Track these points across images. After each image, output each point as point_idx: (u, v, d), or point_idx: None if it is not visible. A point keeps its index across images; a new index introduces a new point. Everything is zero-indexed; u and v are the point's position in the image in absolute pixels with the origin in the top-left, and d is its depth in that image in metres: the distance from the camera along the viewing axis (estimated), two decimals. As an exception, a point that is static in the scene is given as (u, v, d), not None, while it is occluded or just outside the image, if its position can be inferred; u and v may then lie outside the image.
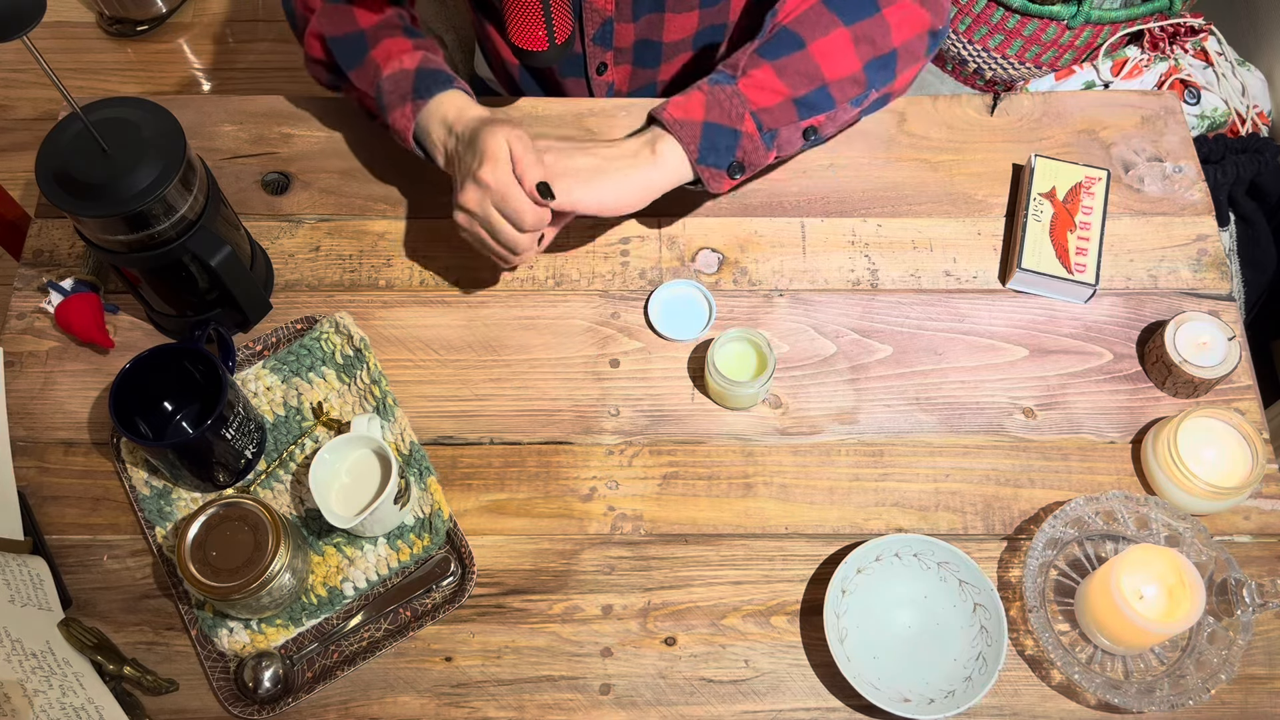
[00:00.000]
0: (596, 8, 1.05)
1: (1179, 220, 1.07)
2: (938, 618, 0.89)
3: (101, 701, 0.84)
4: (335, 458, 0.90)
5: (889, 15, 0.94)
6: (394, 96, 0.97)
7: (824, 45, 0.93)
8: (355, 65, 1.00)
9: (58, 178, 0.84)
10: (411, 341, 1.02)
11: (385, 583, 0.92)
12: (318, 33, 1.02)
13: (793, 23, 0.94)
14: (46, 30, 2.19)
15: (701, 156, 0.93)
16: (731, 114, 0.93)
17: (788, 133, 0.95)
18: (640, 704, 0.87)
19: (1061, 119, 1.13)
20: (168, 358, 0.91)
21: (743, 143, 0.93)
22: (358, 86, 1.00)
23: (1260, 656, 0.89)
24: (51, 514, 0.94)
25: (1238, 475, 0.91)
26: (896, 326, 1.02)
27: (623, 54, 1.13)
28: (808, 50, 0.93)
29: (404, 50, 0.98)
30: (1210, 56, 1.58)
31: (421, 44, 1.00)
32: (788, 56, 0.93)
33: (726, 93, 0.93)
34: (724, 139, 0.93)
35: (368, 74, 0.99)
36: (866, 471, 0.96)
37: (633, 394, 0.99)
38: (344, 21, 1.01)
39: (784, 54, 0.93)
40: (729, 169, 0.94)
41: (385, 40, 0.99)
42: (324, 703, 0.87)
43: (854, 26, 0.94)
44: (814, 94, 0.94)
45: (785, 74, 0.93)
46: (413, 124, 0.96)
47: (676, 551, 0.93)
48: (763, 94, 0.93)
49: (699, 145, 0.92)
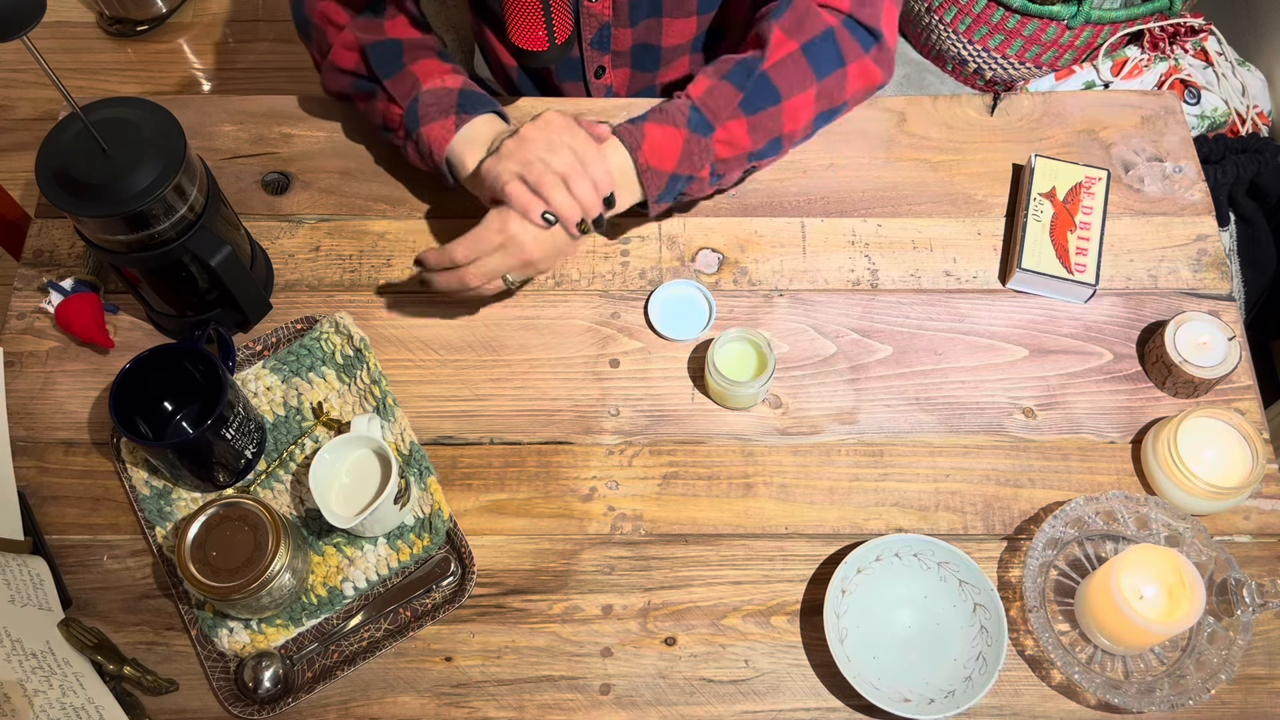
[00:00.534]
0: (594, 12, 1.05)
1: (1179, 220, 1.07)
2: (938, 618, 0.89)
3: (101, 701, 0.84)
4: (335, 458, 0.90)
5: (850, 73, 0.97)
6: (434, 110, 0.97)
7: (795, 104, 0.96)
8: (392, 73, 1.00)
9: (58, 178, 0.84)
10: (411, 341, 1.02)
11: (385, 583, 0.92)
12: (351, 42, 1.02)
13: (773, 71, 0.95)
14: (46, 30, 2.19)
15: (659, 198, 0.96)
16: (697, 165, 0.95)
17: (732, 174, 0.99)
18: (640, 704, 0.87)
19: (1061, 119, 1.13)
20: (168, 358, 0.91)
21: (692, 186, 0.97)
22: (392, 94, 0.99)
23: (1260, 656, 0.89)
24: (51, 514, 0.94)
25: (1238, 475, 0.91)
26: (896, 326, 1.02)
27: (621, 58, 1.13)
28: (781, 106, 0.96)
29: (444, 71, 1.00)
30: (1210, 56, 1.58)
31: (459, 70, 1.01)
32: (762, 113, 0.95)
33: (701, 145, 0.95)
34: (681, 184, 0.96)
35: (405, 84, 0.99)
36: (866, 471, 0.96)
37: (633, 394, 0.99)
38: (378, 32, 1.02)
39: (760, 109, 0.95)
40: (672, 202, 0.98)
41: (423, 59, 1.00)
42: (324, 703, 0.87)
43: (822, 83, 0.97)
44: (769, 145, 0.98)
45: (755, 130, 0.96)
46: (454, 136, 0.97)
47: (676, 551, 0.93)
48: (729, 149, 0.96)
49: (659, 192, 0.95)
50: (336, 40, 1.02)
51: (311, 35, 1.06)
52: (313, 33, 1.05)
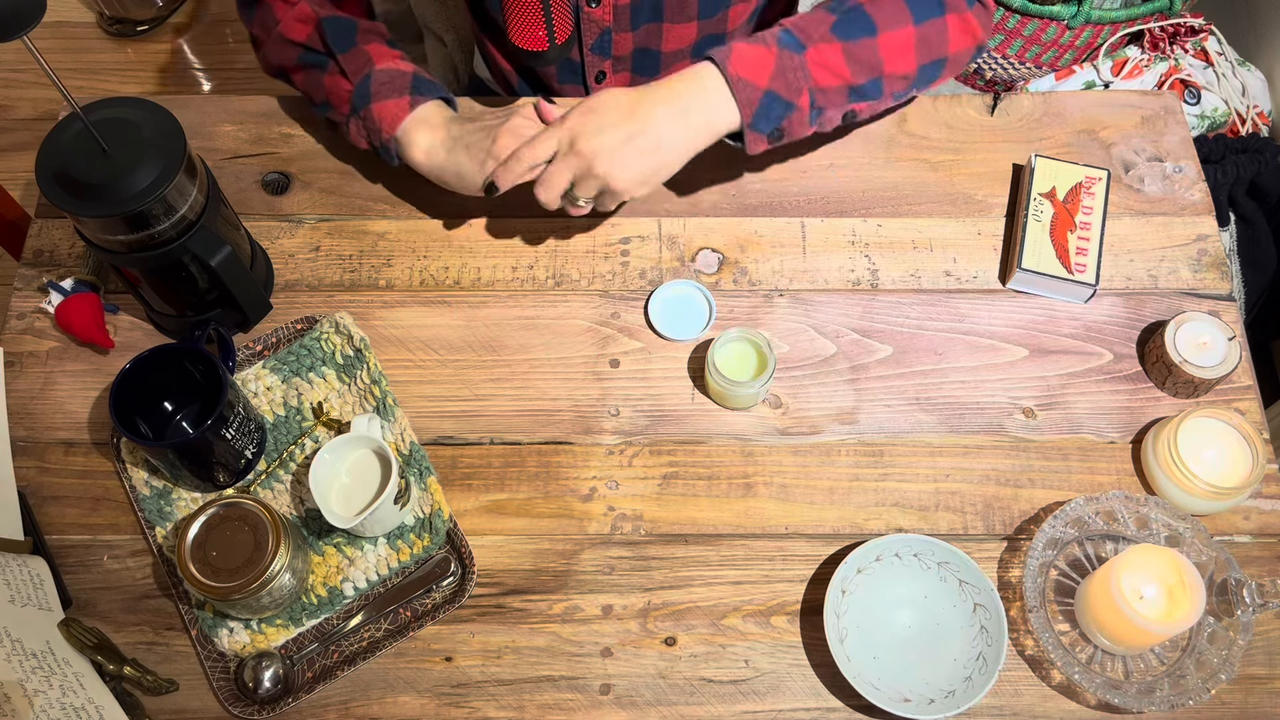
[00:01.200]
0: (595, 18, 1.05)
1: (1179, 220, 1.07)
2: (938, 618, 0.89)
3: (101, 701, 0.84)
4: (335, 458, 0.90)
5: (950, 22, 0.96)
6: (388, 88, 0.98)
7: (892, 39, 0.94)
8: (347, 49, 1.01)
9: (58, 178, 0.84)
10: (411, 341, 1.02)
11: (385, 583, 0.92)
12: (308, 15, 1.03)
13: (869, 4, 0.94)
14: (46, 30, 2.19)
15: (754, 122, 0.92)
16: (793, 86, 0.92)
17: (833, 112, 0.96)
18: (640, 704, 0.87)
19: (1061, 119, 1.13)
20: (168, 358, 0.91)
21: (792, 115, 0.93)
22: (343, 67, 1.00)
23: (1260, 656, 0.89)
24: (51, 514, 0.94)
25: (1238, 475, 0.91)
26: (896, 326, 1.02)
27: (621, 62, 1.13)
28: (877, 39, 0.94)
29: (396, 56, 1.01)
30: (1210, 56, 1.58)
31: (409, 59, 1.03)
32: (859, 40, 0.93)
33: (795, 63, 0.92)
34: (778, 109, 0.92)
35: (358, 61, 1.00)
36: (866, 471, 0.96)
37: (633, 394, 0.99)
38: (335, 10, 1.04)
39: (855, 37, 0.93)
40: (769, 135, 0.94)
41: (376, 42, 1.02)
42: (324, 703, 0.87)
43: (921, 27, 0.95)
44: (870, 84, 0.95)
45: (851, 59, 0.93)
46: (406, 115, 0.97)
47: (676, 551, 0.93)
48: (826, 74, 0.93)
49: (754, 111, 0.92)
50: (286, 15, 1.03)
51: (254, 13, 1.07)
52: (257, 10, 1.06)
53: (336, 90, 1.01)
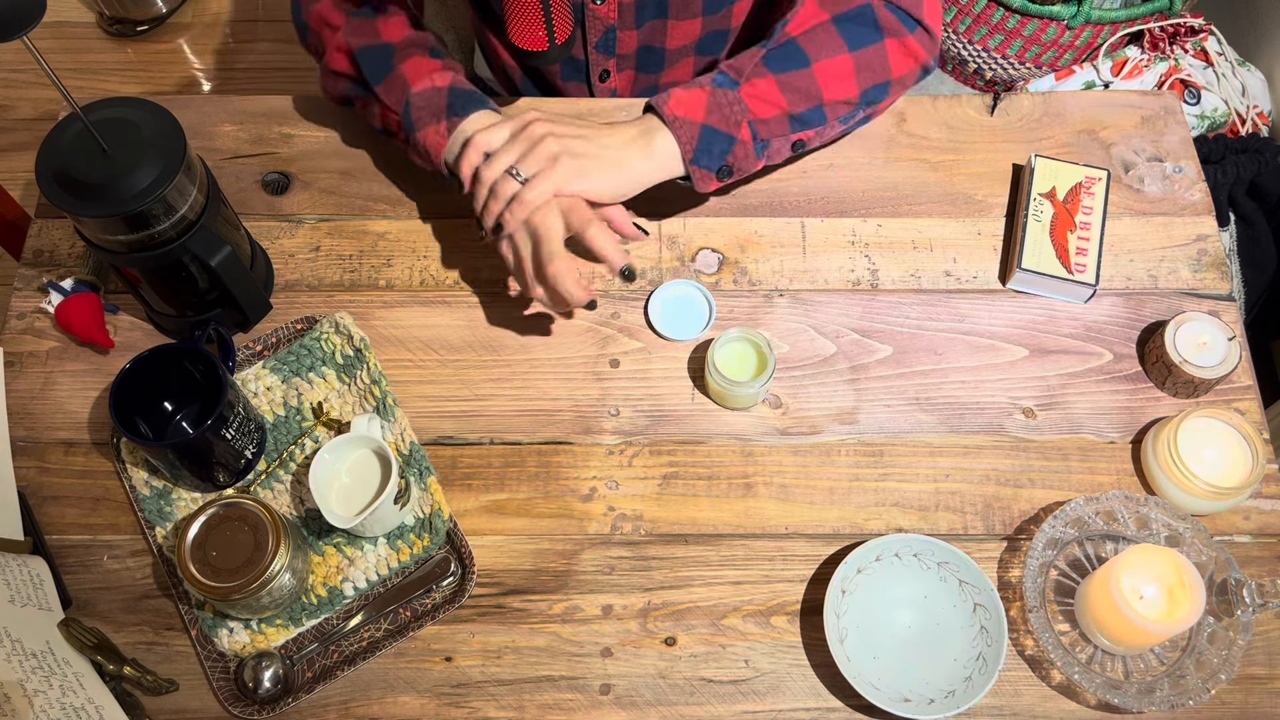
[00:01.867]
0: (599, 15, 1.05)
1: (1179, 220, 1.07)
2: (938, 618, 0.89)
3: (101, 701, 0.84)
4: (335, 458, 0.90)
5: (889, 46, 0.97)
6: (425, 113, 0.96)
7: (827, 67, 0.95)
8: (383, 78, 0.98)
9: (58, 178, 0.84)
10: (411, 341, 1.02)
11: (385, 583, 0.92)
12: (343, 46, 1.00)
13: (801, 38, 0.95)
14: (46, 30, 2.19)
15: (695, 157, 0.93)
16: (730, 120, 0.93)
17: (778, 144, 0.97)
18: (640, 704, 0.87)
19: (1061, 119, 1.13)
20: (168, 358, 0.91)
21: (735, 149, 0.94)
22: (384, 100, 0.98)
23: (1260, 656, 0.89)
24: (51, 514, 0.94)
25: (1238, 475, 0.91)
26: (896, 326, 1.02)
27: (625, 60, 1.13)
28: (811, 69, 0.95)
29: (434, 70, 0.98)
30: (1210, 56, 1.58)
31: (450, 65, 1.00)
32: (792, 72, 0.94)
33: (729, 98, 0.93)
34: (719, 143, 0.94)
35: (396, 89, 0.98)
36: (866, 471, 0.96)
37: (633, 394, 0.99)
38: (371, 35, 1.00)
39: (788, 69, 0.94)
40: (718, 172, 0.95)
41: (414, 58, 0.99)
42: (324, 703, 0.87)
43: (857, 54, 0.96)
44: (809, 111, 0.96)
45: (786, 89, 0.94)
46: (446, 141, 0.96)
47: (676, 551, 0.93)
48: (762, 105, 0.94)
49: (695, 146, 0.93)
50: (331, 43, 1.02)
51: (309, 40, 1.05)
52: (310, 37, 1.05)
53: (388, 120, 1.00)
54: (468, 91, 0.97)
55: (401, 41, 1.00)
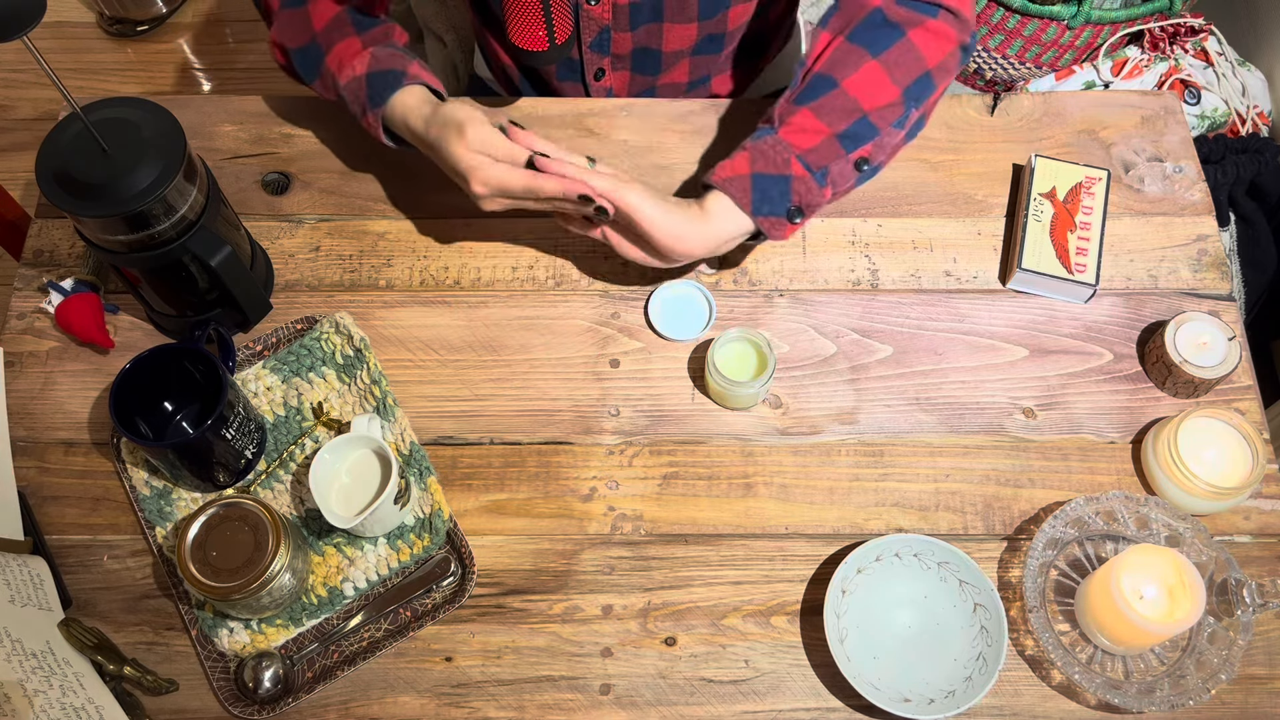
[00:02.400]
0: (594, 16, 1.05)
1: (1179, 220, 1.07)
2: (938, 618, 0.89)
3: (101, 701, 0.84)
4: (335, 458, 0.90)
5: (915, 38, 0.95)
6: (356, 106, 0.98)
7: (857, 79, 0.94)
8: (315, 77, 1.01)
9: (58, 178, 0.84)
10: (411, 341, 1.02)
11: (385, 583, 0.92)
12: (277, 42, 1.02)
13: (822, 67, 0.95)
14: (46, 30, 2.19)
15: (756, 207, 0.92)
16: (777, 161, 0.93)
17: (838, 168, 0.94)
18: (640, 704, 0.87)
19: (1061, 119, 1.13)
20: (168, 358, 0.91)
21: (795, 186, 0.93)
22: (325, 96, 1.02)
23: (1260, 656, 0.89)
24: (51, 514, 0.94)
25: (1238, 475, 0.91)
26: (896, 326, 1.02)
27: (621, 60, 1.13)
28: (841, 87, 0.93)
29: (354, 54, 0.98)
30: (1210, 56, 1.58)
31: (370, 38, 0.99)
32: (824, 97, 0.93)
33: (769, 143, 0.93)
34: (775, 186, 0.92)
35: (328, 85, 1.00)
36: (866, 471, 0.96)
37: (633, 394, 0.99)
38: (299, 30, 1.01)
39: (819, 95, 0.93)
40: (788, 214, 0.93)
41: (337, 45, 0.99)
42: (324, 703, 0.87)
43: (882, 56, 0.94)
44: (855, 125, 0.93)
45: (823, 114, 0.93)
46: (379, 130, 0.98)
47: (676, 551, 0.93)
48: (804, 136, 0.93)
49: (751, 197, 0.92)
50: (270, 32, 1.03)
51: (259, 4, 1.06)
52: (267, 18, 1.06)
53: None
54: (382, 74, 0.96)
55: (325, 28, 1.00)
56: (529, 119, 1.13)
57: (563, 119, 1.13)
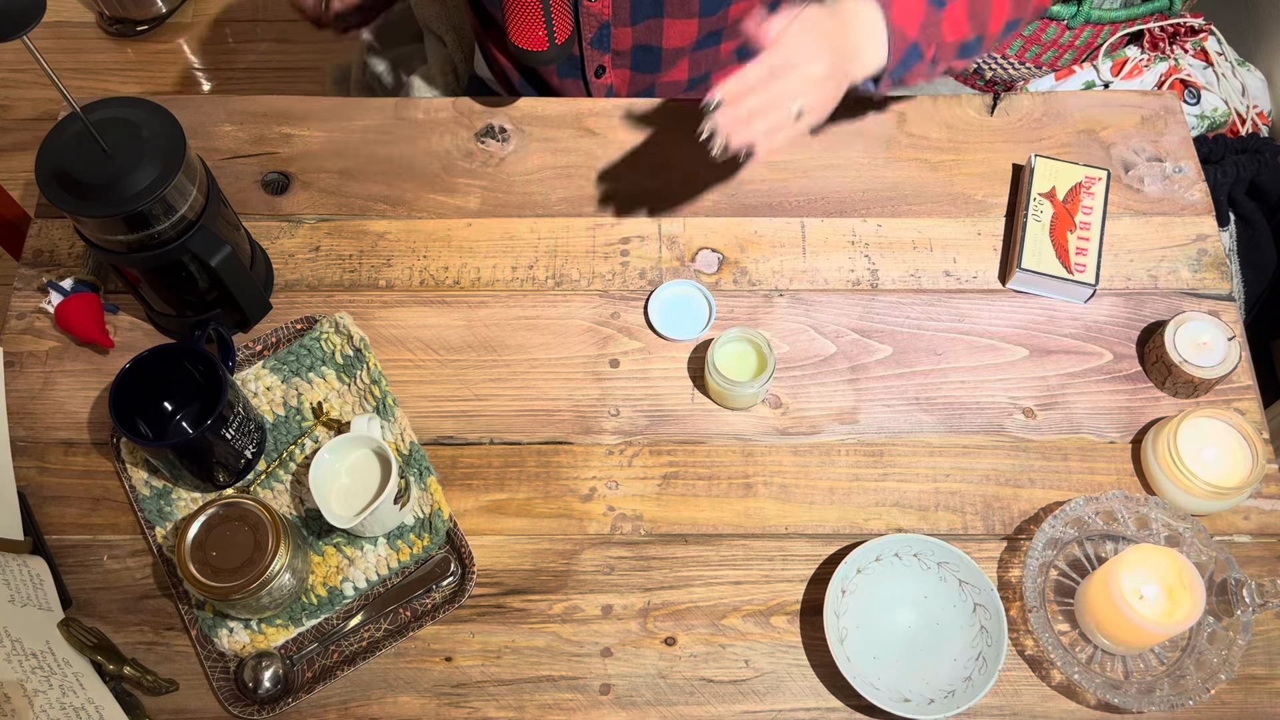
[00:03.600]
0: (593, 11, 1.05)
1: (1179, 220, 1.07)
2: (938, 618, 0.89)
3: (101, 701, 0.84)
4: (335, 458, 0.90)
5: None
6: None
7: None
8: None
9: (58, 178, 0.84)
10: (411, 341, 1.02)
11: (385, 583, 0.92)
12: None
13: None
14: (46, 30, 2.19)
15: (895, 70, 0.91)
16: (929, 39, 0.91)
17: (941, 66, 0.94)
18: (640, 704, 0.87)
19: (1061, 119, 1.13)
20: (168, 358, 0.91)
21: (915, 68, 0.92)
22: None
23: (1260, 656, 0.89)
24: (51, 514, 0.94)
25: (1238, 475, 0.91)
26: (896, 326, 1.02)
27: (621, 58, 1.12)
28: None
29: None
30: (1210, 56, 1.58)
31: None
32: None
33: (935, 18, 0.91)
34: (913, 60, 0.91)
35: None
36: (866, 471, 0.96)
37: (633, 394, 0.99)
38: None
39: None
40: (895, 81, 0.92)
41: None
42: (324, 703, 0.87)
43: None
44: (974, 41, 0.93)
45: (972, 19, 0.92)
46: None
47: (676, 551, 0.93)
48: (951, 30, 0.92)
49: (897, 63, 0.90)
50: None
51: None
52: None
53: None
54: None
55: None
56: (529, 119, 1.13)
57: (563, 119, 1.13)
